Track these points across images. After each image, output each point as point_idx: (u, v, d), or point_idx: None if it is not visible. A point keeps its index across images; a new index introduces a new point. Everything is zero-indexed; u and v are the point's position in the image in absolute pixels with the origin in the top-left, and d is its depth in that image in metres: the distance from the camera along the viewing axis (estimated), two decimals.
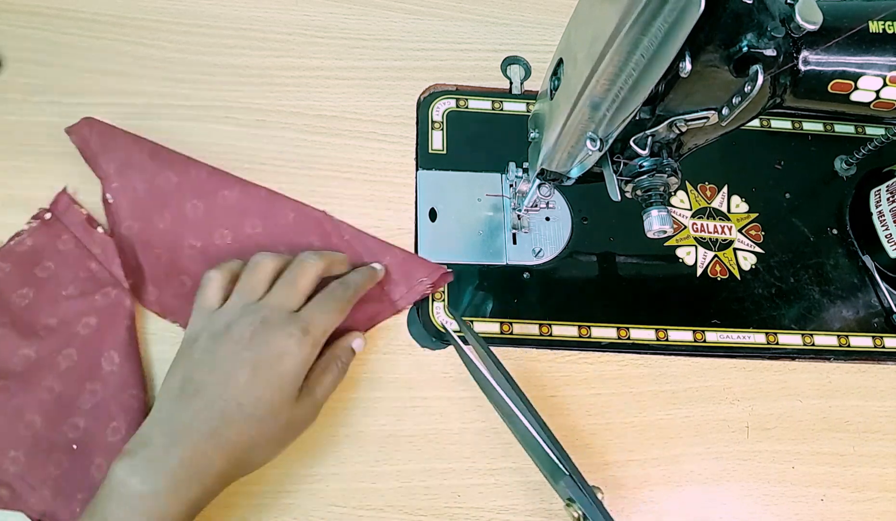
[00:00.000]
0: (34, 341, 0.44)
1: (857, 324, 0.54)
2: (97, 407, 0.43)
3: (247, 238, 0.50)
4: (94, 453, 0.42)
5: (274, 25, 0.58)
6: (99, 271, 0.47)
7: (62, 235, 0.47)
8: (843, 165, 0.60)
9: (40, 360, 0.44)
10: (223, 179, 0.51)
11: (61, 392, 0.43)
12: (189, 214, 0.49)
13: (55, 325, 0.45)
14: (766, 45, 0.32)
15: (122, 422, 0.43)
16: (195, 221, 0.49)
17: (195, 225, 0.49)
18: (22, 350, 0.44)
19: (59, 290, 0.46)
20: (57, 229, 0.48)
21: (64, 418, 0.43)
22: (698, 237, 0.55)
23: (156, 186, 0.49)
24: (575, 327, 0.51)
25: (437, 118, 0.57)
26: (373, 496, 0.45)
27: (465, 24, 0.61)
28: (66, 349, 0.44)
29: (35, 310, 0.45)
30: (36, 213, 0.48)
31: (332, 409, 0.46)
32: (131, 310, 0.46)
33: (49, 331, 0.45)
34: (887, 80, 0.35)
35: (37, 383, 0.43)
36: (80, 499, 0.41)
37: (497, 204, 0.54)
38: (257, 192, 0.51)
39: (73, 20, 0.56)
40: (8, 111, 0.52)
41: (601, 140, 0.38)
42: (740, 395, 0.51)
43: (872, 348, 0.53)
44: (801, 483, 0.48)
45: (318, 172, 0.53)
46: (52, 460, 0.42)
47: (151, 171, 0.49)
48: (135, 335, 0.46)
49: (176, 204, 0.49)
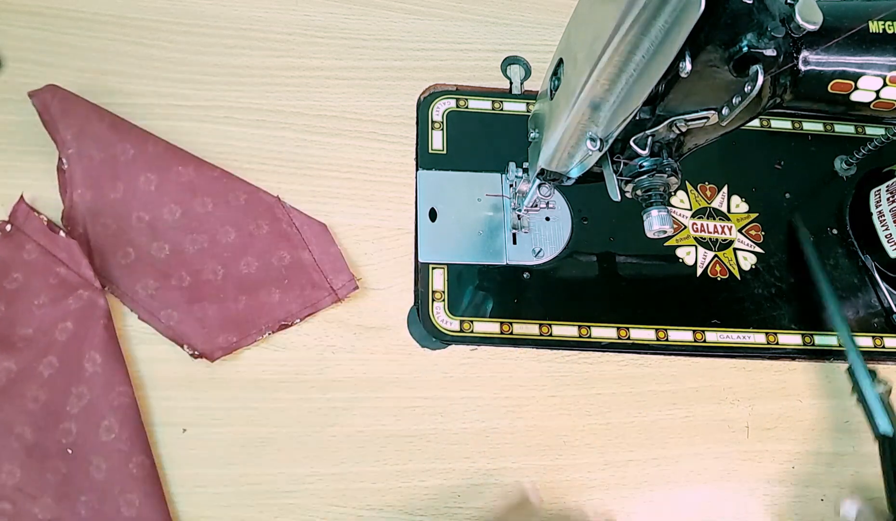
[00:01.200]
0: (13, 353, 0.44)
1: (857, 324, 0.54)
2: (86, 410, 0.43)
3: (196, 216, 0.50)
4: (91, 454, 0.43)
5: (274, 25, 0.58)
6: (68, 275, 0.47)
7: (25, 245, 0.47)
8: (843, 165, 0.60)
9: (21, 371, 0.44)
10: (180, 156, 0.51)
11: (47, 400, 0.43)
12: (141, 186, 0.49)
13: (32, 334, 0.45)
14: (766, 45, 0.32)
15: (114, 420, 0.43)
16: (146, 195, 0.49)
17: (146, 198, 0.49)
18: (1, 364, 0.44)
19: (31, 300, 0.46)
20: (19, 240, 0.47)
21: (54, 425, 0.43)
22: (698, 237, 0.55)
23: (111, 155, 0.49)
24: (575, 327, 0.51)
25: (437, 118, 0.57)
26: (373, 496, 0.45)
27: (465, 24, 0.61)
28: (47, 357, 0.44)
29: (9, 322, 0.45)
30: None
31: (332, 409, 0.46)
32: (106, 309, 0.46)
33: (26, 342, 0.45)
34: (887, 81, 0.35)
35: (21, 395, 0.43)
36: (84, 501, 0.41)
37: (497, 204, 0.54)
38: (211, 171, 0.51)
39: (73, 20, 0.56)
40: (8, 111, 0.52)
41: (601, 140, 0.38)
42: (740, 395, 0.51)
43: (872, 348, 0.53)
44: (801, 483, 0.48)
45: (318, 171, 0.53)
46: (49, 467, 0.42)
47: (109, 141, 0.49)
48: (113, 333, 0.46)
49: (129, 175, 0.49)
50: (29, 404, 0.43)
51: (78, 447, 0.43)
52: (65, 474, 0.42)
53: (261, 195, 0.51)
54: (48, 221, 0.48)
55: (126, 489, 0.42)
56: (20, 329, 0.45)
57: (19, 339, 0.45)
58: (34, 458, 0.42)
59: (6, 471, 0.42)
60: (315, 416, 0.46)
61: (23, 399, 0.43)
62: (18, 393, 0.43)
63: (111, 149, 0.49)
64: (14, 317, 0.45)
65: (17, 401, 0.43)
